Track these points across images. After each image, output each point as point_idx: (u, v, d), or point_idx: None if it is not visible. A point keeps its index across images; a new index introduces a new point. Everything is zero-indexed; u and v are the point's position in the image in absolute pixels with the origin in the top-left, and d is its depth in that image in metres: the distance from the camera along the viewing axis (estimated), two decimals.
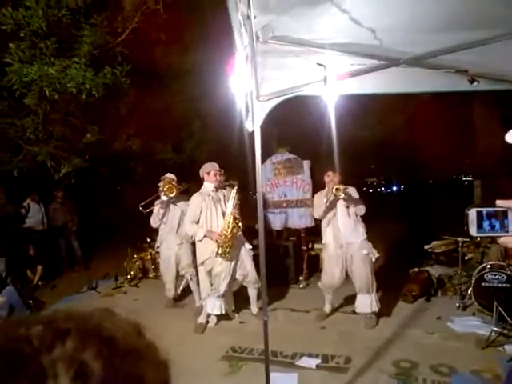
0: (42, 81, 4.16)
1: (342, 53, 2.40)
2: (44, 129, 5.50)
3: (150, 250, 7.90)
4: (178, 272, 5.85)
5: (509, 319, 4.27)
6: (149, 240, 7.89)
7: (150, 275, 7.95)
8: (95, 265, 8.76)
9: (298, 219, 6.74)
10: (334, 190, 4.50)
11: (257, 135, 2.48)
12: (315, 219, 7.01)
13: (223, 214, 4.78)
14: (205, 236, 4.80)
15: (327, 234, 4.95)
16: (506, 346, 4.09)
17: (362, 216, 4.83)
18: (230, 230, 4.68)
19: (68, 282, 7.81)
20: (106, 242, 10.10)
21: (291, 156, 6.80)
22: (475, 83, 2.37)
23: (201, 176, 5.05)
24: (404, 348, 4.24)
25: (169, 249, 5.75)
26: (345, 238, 4.79)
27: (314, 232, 7.28)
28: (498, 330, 4.21)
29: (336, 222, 4.82)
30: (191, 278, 5.76)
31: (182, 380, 2.76)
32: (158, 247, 6.04)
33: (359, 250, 4.76)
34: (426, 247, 6.67)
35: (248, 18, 1.79)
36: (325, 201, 4.70)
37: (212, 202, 4.83)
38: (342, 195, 4.49)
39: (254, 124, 2.47)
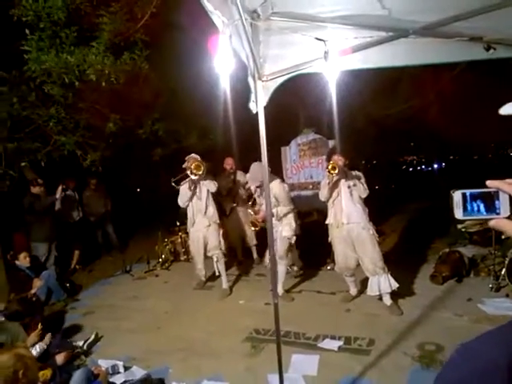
0: (60, 68, 4.23)
1: (345, 26, 2.29)
2: (71, 118, 5.64)
3: (181, 234, 8.05)
4: (206, 253, 5.93)
5: None
6: (179, 224, 8.03)
7: (181, 258, 8.12)
8: (130, 249, 9.05)
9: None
10: (329, 168, 4.50)
11: (261, 116, 2.43)
12: None
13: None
14: None
15: (330, 214, 4.91)
16: None
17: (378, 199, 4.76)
18: None
19: (104, 266, 8.10)
20: (139, 226, 10.37)
21: (317, 136, 6.68)
22: (491, 51, 2.20)
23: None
24: (430, 331, 4.12)
25: (197, 230, 5.82)
26: (347, 217, 4.72)
27: None
28: None
29: (339, 202, 4.78)
30: (218, 260, 5.82)
31: (206, 359, 2.85)
32: (188, 229, 6.11)
33: (364, 230, 4.66)
34: (459, 226, 6.42)
35: None
36: (327, 182, 4.71)
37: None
38: (336, 174, 4.51)
39: (257, 105, 2.41)
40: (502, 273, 4.99)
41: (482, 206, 1.08)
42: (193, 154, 5.70)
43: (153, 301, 5.87)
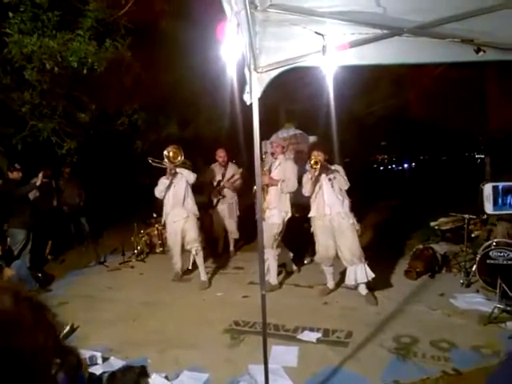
0: (42, 53, 4.10)
1: (342, 21, 2.32)
2: (48, 104, 5.47)
3: (157, 226, 7.96)
4: (183, 246, 5.88)
5: None
6: (155, 215, 7.94)
7: (157, 250, 8.04)
8: (104, 240, 8.90)
9: (304, 195, 6.68)
10: (312, 162, 4.70)
11: (255, 108, 2.43)
12: None
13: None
14: None
15: (313, 207, 5.06)
16: (508, 323, 4.08)
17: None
18: None
19: (77, 257, 7.93)
20: (114, 217, 10.19)
21: (297, 131, 6.73)
22: (481, 53, 2.28)
23: None
24: (405, 324, 4.25)
25: (175, 222, 5.77)
26: (329, 208, 4.88)
27: None
28: (501, 306, 4.20)
29: (321, 195, 4.95)
30: (196, 253, 5.80)
31: (185, 350, 2.83)
32: (164, 221, 6.04)
33: (345, 219, 4.82)
34: (432, 224, 6.63)
35: None
36: (310, 177, 4.90)
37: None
38: (318, 168, 4.72)
39: (251, 96, 2.42)
40: (473, 269, 5.18)
41: (510, 200, 1.11)
42: (173, 145, 5.66)
43: (129, 292, 5.80)
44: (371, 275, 4.84)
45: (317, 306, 4.89)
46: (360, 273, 4.82)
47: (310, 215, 5.11)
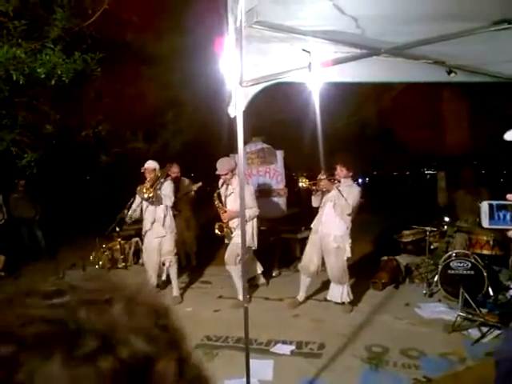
0: (10, 64, 3.94)
1: (324, 40, 2.40)
2: (8, 113, 5.25)
3: (119, 240, 7.75)
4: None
5: (473, 304, 4.46)
6: (118, 229, 7.72)
7: (119, 265, 7.80)
8: (62, 255, 8.51)
9: (271, 209, 6.77)
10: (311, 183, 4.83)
11: (239, 121, 2.46)
12: (287, 209, 7.13)
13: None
14: None
15: (314, 220, 5.13)
16: (470, 330, 4.27)
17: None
18: None
19: (33, 273, 7.54)
20: (73, 231, 9.82)
21: (265, 146, 6.81)
22: (452, 74, 2.43)
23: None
24: (375, 334, 4.35)
25: (153, 238, 5.64)
26: (323, 227, 4.95)
27: (287, 221, 7.37)
28: (463, 315, 4.39)
29: (322, 211, 5.01)
30: (170, 265, 5.68)
31: None
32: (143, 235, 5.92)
33: (333, 242, 4.88)
34: (394, 236, 6.86)
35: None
36: (317, 190, 4.95)
37: None
38: (321, 184, 4.80)
39: (236, 110, 2.44)
40: (435, 280, 5.40)
41: (508, 216, 1.19)
42: (149, 162, 5.51)
43: None
44: (347, 299, 4.99)
45: (288, 319, 4.91)
46: (337, 292, 5.00)
47: (311, 225, 5.18)
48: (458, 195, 6.12)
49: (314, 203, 5.09)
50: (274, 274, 6.50)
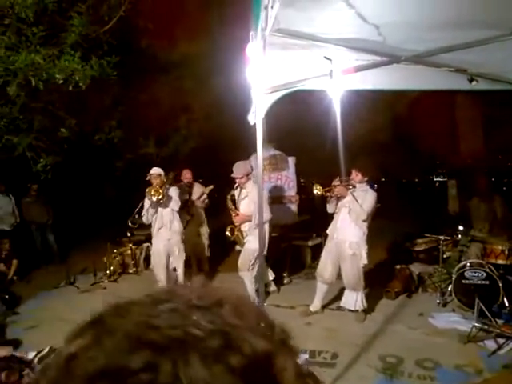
0: (29, 70, 3.99)
1: (345, 47, 2.40)
2: (25, 118, 5.31)
3: (130, 245, 7.77)
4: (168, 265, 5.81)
5: (489, 315, 4.38)
6: (129, 235, 7.74)
7: (130, 271, 7.81)
8: (73, 259, 8.54)
9: (283, 215, 6.75)
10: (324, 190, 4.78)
11: (258, 128, 2.46)
12: (299, 215, 7.10)
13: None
14: None
15: (331, 224, 5.10)
16: (486, 341, 4.20)
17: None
18: None
19: (45, 277, 7.58)
20: (84, 236, 9.86)
21: (277, 152, 6.80)
22: (474, 82, 2.41)
23: None
24: (389, 343, 4.30)
25: (160, 242, 5.69)
26: (339, 233, 4.91)
27: (298, 228, 7.34)
28: (479, 325, 4.32)
29: (337, 217, 4.97)
30: (179, 271, 5.73)
31: None
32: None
33: (348, 249, 4.83)
34: (407, 244, 6.80)
35: (266, 8, 1.77)
36: (331, 196, 4.91)
37: None
38: (336, 190, 4.77)
39: (256, 117, 2.44)
40: (449, 289, 5.33)
41: None
42: (154, 169, 5.56)
43: None
44: (361, 306, 4.95)
45: (300, 327, 4.85)
46: (351, 299, 4.96)
47: (327, 231, 5.15)
48: (471, 203, 6.06)
49: (329, 209, 5.05)
50: (285, 282, 6.46)
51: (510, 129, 6.36)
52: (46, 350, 4.20)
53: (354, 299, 4.93)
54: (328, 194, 4.74)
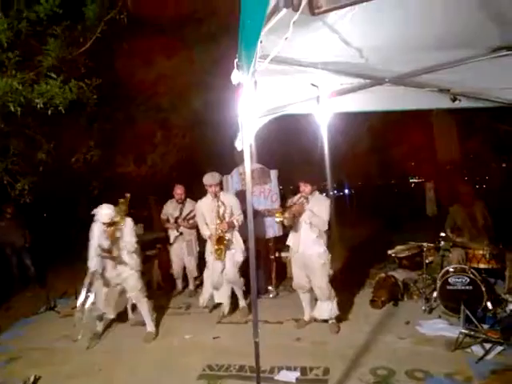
0: (6, 95, 3.88)
1: (330, 72, 2.42)
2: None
3: None
4: None
5: (475, 320, 4.46)
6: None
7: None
8: (52, 283, 8.29)
9: (266, 228, 6.75)
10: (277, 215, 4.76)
11: (246, 154, 2.45)
12: (283, 228, 7.10)
13: None
14: None
15: (290, 237, 5.18)
16: (473, 347, 4.27)
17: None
18: None
19: (23, 303, 7.35)
20: (62, 258, 9.59)
21: (258, 166, 6.79)
22: (457, 101, 2.47)
23: None
24: (378, 355, 4.32)
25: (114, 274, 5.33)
26: (305, 247, 4.97)
27: (282, 241, 7.33)
28: (465, 331, 4.39)
29: (299, 232, 5.02)
30: (138, 301, 5.39)
31: None
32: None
33: (317, 259, 4.90)
34: (389, 252, 6.88)
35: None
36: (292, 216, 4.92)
37: None
38: (285, 218, 4.76)
39: (243, 143, 2.43)
40: (434, 295, 5.42)
41: None
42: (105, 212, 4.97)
43: (88, 340, 5.43)
44: (335, 313, 5.00)
45: (289, 343, 4.85)
46: (326, 309, 4.98)
47: (287, 243, 5.22)
48: (453, 209, 6.18)
49: (287, 222, 5.02)
50: (271, 296, 6.44)
51: (484, 135, 6.56)
52: (32, 378, 4.06)
53: (328, 308, 4.96)
54: (287, 216, 4.73)
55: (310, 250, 4.93)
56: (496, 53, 2.42)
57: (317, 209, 4.86)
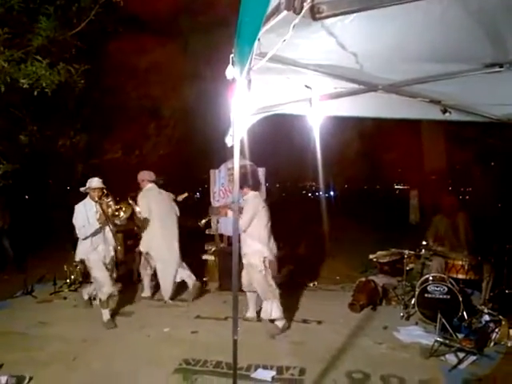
0: None
1: (324, 75, 2.41)
2: None
3: None
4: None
5: (450, 329, 4.53)
6: None
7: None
8: (31, 267, 8.18)
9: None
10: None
11: (236, 150, 2.43)
12: None
13: None
14: None
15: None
16: (447, 356, 4.33)
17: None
18: None
19: (0, 286, 7.22)
20: (44, 243, 9.46)
21: (247, 162, 6.76)
22: (447, 113, 2.48)
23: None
24: (355, 358, 4.34)
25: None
26: (242, 248, 5.09)
27: None
28: (441, 340, 4.45)
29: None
30: None
31: None
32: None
33: (249, 259, 5.07)
34: (371, 256, 6.93)
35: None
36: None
37: None
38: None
39: (233, 139, 2.41)
40: (412, 302, 5.48)
41: None
42: (96, 182, 5.37)
43: (64, 327, 5.36)
44: (275, 315, 5.04)
45: (266, 342, 4.85)
46: (267, 309, 5.08)
47: None
48: (435, 219, 6.25)
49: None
50: None
51: (471, 147, 6.66)
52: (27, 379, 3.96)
53: (269, 308, 5.04)
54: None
55: (242, 250, 5.08)
56: (488, 69, 2.43)
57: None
